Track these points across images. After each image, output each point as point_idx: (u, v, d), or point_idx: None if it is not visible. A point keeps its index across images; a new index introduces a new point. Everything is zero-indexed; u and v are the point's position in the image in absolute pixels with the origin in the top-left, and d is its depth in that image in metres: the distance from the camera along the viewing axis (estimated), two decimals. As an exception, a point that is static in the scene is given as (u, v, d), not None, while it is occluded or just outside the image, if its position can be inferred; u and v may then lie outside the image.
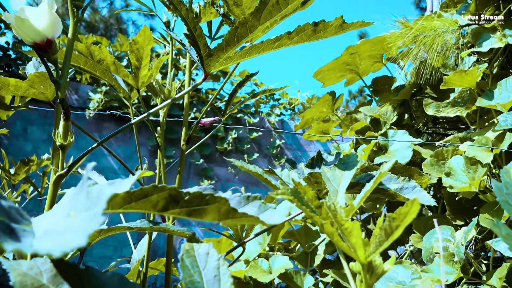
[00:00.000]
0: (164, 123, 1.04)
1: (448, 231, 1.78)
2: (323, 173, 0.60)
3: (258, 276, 2.06)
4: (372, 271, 0.45)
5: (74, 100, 4.10)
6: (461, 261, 1.67)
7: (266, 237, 2.29)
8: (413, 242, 2.05)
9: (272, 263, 2.11)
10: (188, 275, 0.39)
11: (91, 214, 0.23)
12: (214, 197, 0.39)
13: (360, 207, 2.24)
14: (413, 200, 0.36)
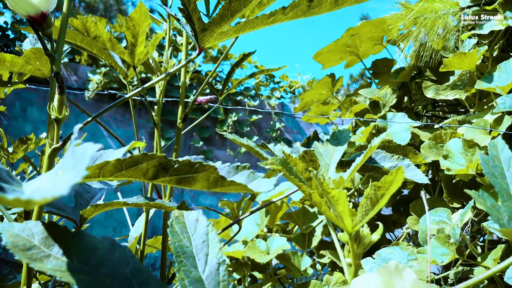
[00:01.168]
0: (160, 101, 1.05)
1: (445, 213, 1.80)
2: (315, 148, 0.60)
3: (256, 256, 2.07)
4: (360, 240, 0.46)
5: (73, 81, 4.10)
6: (457, 242, 1.69)
7: (264, 218, 2.31)
8: (410, 225, 2.07)
9: (270, 244, 2.13)
10: (177, 240, 0.39)
11: (75, 171, 0.24)
12: (203, 165, 0.39)
13: (358, 190, 2.26)
14: (398, 169, 0.37)
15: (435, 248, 1.81)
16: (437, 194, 2.11)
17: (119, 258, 0.36)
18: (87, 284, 0.31)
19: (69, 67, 4.11)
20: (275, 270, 2.31)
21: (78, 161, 0.25)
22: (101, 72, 4.00)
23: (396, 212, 2.30)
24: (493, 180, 0.44)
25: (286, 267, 2.14)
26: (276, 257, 2.10)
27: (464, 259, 1.73)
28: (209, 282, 0.38)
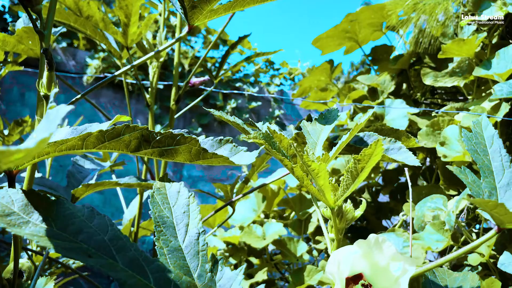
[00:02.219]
0: (154, 82, 1.05)
1: (440, 200, 1.80)
2: (303, 126, 0.60)
3: (252, 241, 2.09)
4: (342, 215, 0.46)
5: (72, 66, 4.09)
6: (452, 229, 1.70)
7: (261, 204, 2.32)
8: (406, 211, 2.07)
9: (266, 229, 2.14)
10: (158, 210, 0.40)
11: (47, 129, 0.24)
12: (185, 137, 0.39)
13: (355, 176, 2.26)
14: (376, 141, 0.37)
15: (430, 234, 1.82)
16: (433, 181, 2.11)
17: (98, 225, 0.37)
18: (64, 249, 0.32)
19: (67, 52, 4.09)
20: (271, 255, 2.33)
21: (51, 122, 0.25)
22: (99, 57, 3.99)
23: (393, 200, 2.30)
24: (475, 156, 0.44)
25: (282, 252, 2.15)
26: (273, 243, 2.12)
27: (459, 245, 1.73)
28: (188, 251, 0.39)
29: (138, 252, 0.36)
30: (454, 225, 1.72)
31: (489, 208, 0.35)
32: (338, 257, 0.42)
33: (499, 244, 1.63)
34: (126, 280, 0.32)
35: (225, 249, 2.27)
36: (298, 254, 2.08)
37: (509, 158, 0.46)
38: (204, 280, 0.38)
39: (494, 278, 1.52)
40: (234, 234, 2.21)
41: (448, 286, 0.68)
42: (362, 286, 0.43)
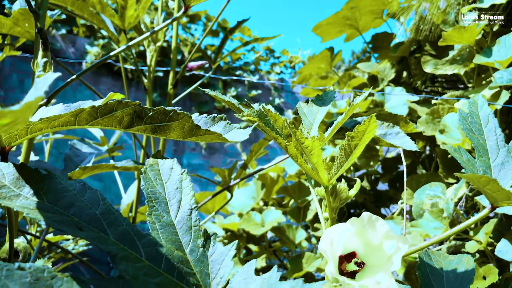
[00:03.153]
0: (152, 66, 1.04)
1: (439, 188, 1.80)
2: (300, 108, 0.60)
3: (251, 228, 2.09)
4: (336, 194, 0.46)
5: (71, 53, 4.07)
6: (450, 216, 1.70)
7: (260, 192, 2.32)
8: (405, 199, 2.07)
9: (265, 216, 2.14)
10: (150, 186, 0.40)
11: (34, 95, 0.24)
12: (177, 113, 0.39)
13: (354, 164, 2.26)
14: (370, 117, 0.37)
15: (429, 222, 1.82)
16: (433, 169, 2.11)
17: (89, 200, 0.37)
18: (55, 222, 0.32)
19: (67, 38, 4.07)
20: (270, 243, 2.33)
21: (38, 88, 0.25)
22: (99, 44, 3.97)
23: (392, 188, 2.30)
24: (470, 135, 0.44)
25: (281, 239, 2.16)
26: (271, 230, 2.12)
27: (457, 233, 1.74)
28: (180, 226, 0.39)
29: (129, 227, 0.36)
30: (452, 213, 1.72)
31: (481, 184, 0.35)
32: (331, 234, 0.42)
33: (496, 232, 1.64)
34: (117, 253, 0.32)
35: (224, 236, 2.28)
36: (296, 241, 2.09)
37: (504, 138, 0.46)
38: (196, 255, 0.38)
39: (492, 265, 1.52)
40: (233, 221, 2.22)
41: (443, 268, 0.69)
42: (355, 264, 0.43)
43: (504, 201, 0.38)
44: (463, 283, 0.64)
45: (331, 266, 0.41)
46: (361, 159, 2.18)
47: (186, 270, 0.36)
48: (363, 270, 0.44)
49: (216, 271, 0.37)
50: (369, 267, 0.44)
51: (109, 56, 0.65)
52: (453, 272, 0.67)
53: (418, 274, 0.67)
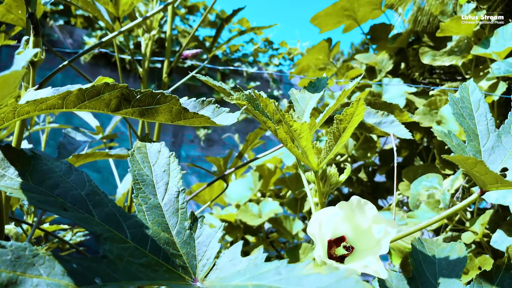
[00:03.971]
0: (147, 55, 1.04)
1: (436, 179, 1.81)
2: (292, 94, 0.60)
3: (248, 219, 2.09)
4: (326, 179, 0.46)
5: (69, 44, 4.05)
6: (446, 207, 1.70)
7: (257, 183, 2.32)
8: (401, 190, 2.08)
9: (262, 207, 2.14)
10: (137, 168, 0.40)
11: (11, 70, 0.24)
12: (165, 96, 0.39)
13: (352, 156, 2.26)
14: (358, 100, 0.37)
15: (425, 212, 1.82)
16: (429, 160, 2.11)
17: (75, 181, 0.37)
18: (39, 202, 0.32)
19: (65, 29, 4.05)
20: (267, 234, 2.34)
21: (18, 64, 0.25)
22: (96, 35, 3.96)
23: (389, 179, 2.31)
24: (461, 120, 0.44)
25: (278, 230, 2.16)
26: (268, 221, 2.13)
27: (454, 224, 1.74)
28: (167, 208, 0.39)
29: (115, 208, 0.36)
30: (449, 204, 1.72)
31: (469, 166, 0.34)
32: (320, 218, 0.41)
33: (492, 223, 1.64)
34: (101, 233, 0.32)
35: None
36: (293, 232, 2.09)
37: (494, 122, 0.46)
38: (183, 237, 0.38)
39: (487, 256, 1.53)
40: (230, 212, 2.22)
41: (436, 256, 0.69)
42: (344, 248, 0.43)
43: (493, 184, 0.38)
44: (455, 270, 0.64)
45: (319, 249, 0.40)
46: (358, 150, 2.19)
47: (172, 251, 0.36)
48: (352, 254, 0.44)
49: (202, 253, 0.37)
50: (358, 251, 0.44)
51: (101, 42, 0.65)
52: (446, 259, 0.67)
53: (410, 261, 0.67)
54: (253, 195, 2.31)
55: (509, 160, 0.43)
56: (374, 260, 0.40)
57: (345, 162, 2.30)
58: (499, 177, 0.35)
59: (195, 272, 0.36)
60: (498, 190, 0.50)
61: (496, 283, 0.60)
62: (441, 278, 0.65)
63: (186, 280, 0.34)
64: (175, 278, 0.34)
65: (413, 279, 0.66)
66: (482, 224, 1.58)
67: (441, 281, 0.64)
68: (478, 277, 0.62)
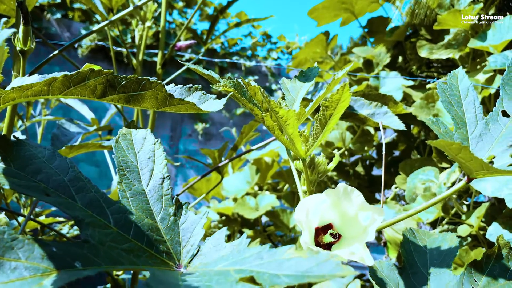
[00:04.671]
0: (142, 46, 1.03)
1: (432, 172, 1.81)
2: (283, 84, 0.59)
3: (245, 213, 2.10)
4: (314, 167, 0.46)
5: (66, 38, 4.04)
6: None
7: (254, 176, 2.32)
8: (398, 184, 2.08)
9: (260, 201, 2.15)
10: (122, 155, 0.39)
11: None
12: (150, 82, 0.39)
13: (349, 149, 2.26)
14: (343, 86, 0.36)
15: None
16: (426, 154, 2.11)
17: (58, 167, 0.37)
18: (20, 186, 0.32)
19: (62, 23, 4.04)
20: (264, 227, 2.34)
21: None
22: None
23: (386, 173, 2.31)
24: (449, 108, 0.44)
25: (275, 224, 2.16)
26: (266, 214, 2.13)
27: (450, 217, 1.74)
28: (152, 195, 0.39)
29: (99, 194, 0.36)
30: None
31: (453, 152, 0.34)
32: (307, 205, 0.41)
33: (488, 216, 1.64)
34: (83, 218, 0.32)
35: (218, 220, 2.29)
36: (291, 225, 2.09)
37: (482, 110, 0.45)
38: (167, 223, 0.38)
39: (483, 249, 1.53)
40: (227, 206, 2.22)
41: (427, 246, 0.69)
42: (330, 235, 0.43)
43: (479, 171, 0.38)
44: (446, 260, 0.65)
45: (305, 236, 0.40)
46: (355, 144, 2.18)
47: (156, 237, 0.36)
48: (340, 242, 0.44)
49: (187, 239, 0.37)
50: (345, 238, 0.44)
51: (91, 31, 0.64)
52: (437, 249, 0.67)
53: (401, 252, 0.67)
54: (251, 188, 2.32)
55: (496, 147, 0.43)
56: (360, 247, 0.40)
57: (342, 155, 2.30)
58: (484, 164, 0.35)
59: (179, 258, 0.36)
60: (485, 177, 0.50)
61: (486, 273, 0.60)
62: (432, 268, 0.65)
63: (170, 265, 0.34)
64: (158, 263, 0.33)
65: (404, 269, 0.66)
66: (478, 217, 1.58)
67: (432, 271, 0.64)
68: (468, 267, 0.62)
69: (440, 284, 0.61)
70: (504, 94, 0.45)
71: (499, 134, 0.44)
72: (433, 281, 0.62)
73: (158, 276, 0.28)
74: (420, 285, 0.63)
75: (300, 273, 0.27)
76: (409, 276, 0.64)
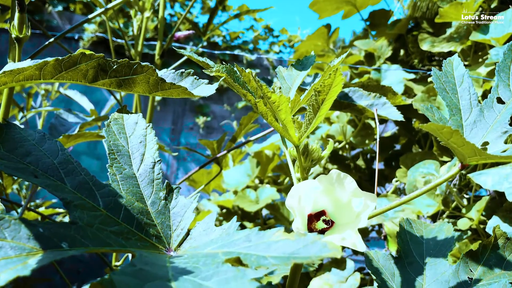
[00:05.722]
0: (141, 37, 1.03)
1: (433, 165, 1.80)
2: (279, 72, 0.59)
3: (246, 205, 2.10)
4: (307, 154, 0.46)
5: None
6: (443, 194, 1.70)
7: (255, 169, 2.32)
8: (399, 177, 2.07)
9: (260, 193, 2.15)
10: (113, 139, 0.39)
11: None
12: (141, 66, 0.39)
13: (350, 143, 2.25)
14: (335, 70, 0.36)
15: (422, 199, 1.82)
16: (427, 148, 2.11)
17: (47, 149, 0.37)
18: (8, 168, 0.31)
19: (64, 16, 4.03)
20: (265, 220, 2.34)
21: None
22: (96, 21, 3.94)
23: (387, 167, 2.30)
24: (443, 95, 0.43)
25: (276, 217, 2.17)
26: (266, 207, 2.13)
27: (450, 211, 1.74)
28: (142, 179, 0.39)
29: (88, 177, 0.36)
30: (445, 190, 1.72)
31: (445, 136, 0.34)
32: (299, 191, 0.41)
33: (488, 209, 1.64)
34: (72, 200, 0.32)
35: (219, 213, 2.29)
36: (291, 218, 2.10)
37: (477, 97, 0.45)
38: (158, 207, 0.38)
39: (483, 242, 1.52)
40: (228, 198, 2.23)
41: (424, 236, 0.69)
42: (323, 222, 0.43)
43: (472, 157, 0.38)
44: (442, 250, 0.64)
45: (298, 222, 0.40)
46: (356, 137, 2.18)
47: (146, 221, 0.36)
48: (332, 228, 0.44)
49: (177, 223, 0.37)
50: (338, 225, 0.44)
51: (88, 18, 0.64)
52: (434, 239, 0.67)
53: (397, 241, 0.67)
54: (251, 181, 2.32)
55: (490, 134, 0.43)
56: (352, 233, 0.40)
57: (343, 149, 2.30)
58: (477, 149, 0.35)
59: (170, 242, 0.36)
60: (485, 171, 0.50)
61: (483, 263, 0.60)
62: (428, 258, 0.65)
63: (160, 249, 0.34)
64: (148, 246, 0.33)
65: (400, 258, 0.66)
66: (478, 210, 1.58)
67: (428, 261, 0.64)
68: (464, 257, 0.62)
69: (436, 273, 0.61)
70: (500, 81, 0.45)
71: (493, 120, 0.43)
72: (428, 270, 0.62)
73: (145, 257, 0.28)
74: (416, 274, 0.63)
75: (287, 255, 0.27)
76: (405, 265, 0.64)
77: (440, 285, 0.59)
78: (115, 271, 0.23)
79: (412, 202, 1.77)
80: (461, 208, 1.76)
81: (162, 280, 0.24)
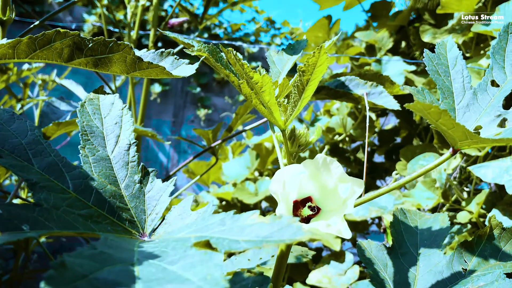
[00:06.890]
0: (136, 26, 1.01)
1: (433, 158, 1.78)
2: (269, 56, 0.57)
3: (245, 198, 2.09)
4: (294, 139, 0.44)
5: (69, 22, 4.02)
6: (442, 187, 1.68)
7: (254, 161, 2.31)
8: (399, 170, 2.06)
9: (259, 186, 2.13)
10: (87, 120, 0.38)
11: None
12: (118, 44, 0.37)
13: (350, 136, 2.24)
14: (319, 48, 0.34)
15: (421, 192, 1.81)
16: (428, 140, 2.09)
17: (16, 129, 0.35)
18: (-29, 147, 0.30)
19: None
20: (264, 212, 2.33)
21: None
22: (96, 13, 3.92)
23: (388, 160, 2.29)
24: (436, 77, 0.42)
25: (275, 209, 2.15)
26: (265, 199, 2.12)
27: (450, 204, 1.72)
28: (117, 161, 0.37)
29: (58, 158, 0.34)
30: (445, 183, 1.70)
31: (432, 117, 0.32)
32: (284, 176, 0.40)
33: (488, 202, 1.62)
34: (38, 181, 0.31)
35: (218, 205, 2.28)
36: (290, 211, 2.09)
37: (470, 80, 0.43)
38: (132, 190, 0.36)
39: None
40: (227, 191, 2.22)
41: (418, 226, 0.67)
42: (309, 208, 0.41)
43: (464, 141, 0.36)
44: (436, 240, 0.63)
45: (282, 208, 0.39)
46: (356, 130, 2.16)
47: (119, 204, 0.34)
48: (319, 215, 0.42)
49: (152, 207, 0.35)
50: (324, 212, 0.42)
51: (73, 2, 0.62)
52: (428, 230, 0.66)
53: (391, 232, 0.66)
54: (250, 174, 2.30)
55: (483, 118, 0.41)
56: (338, 219, 0.38)
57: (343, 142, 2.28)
58: (468, 132, 0.33)
59: (144, 227, 0.34)
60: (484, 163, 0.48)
61: (477, 253, 0.58)
62: (422, 248, 0.63)
63: (133, 234, 0.33)
64: (119, 231, 0.32)
65: (393, 249, 0.64)
66: (478, 203, 1.56)
67: (422, 251, 0.63)
68: (459, 248, 0.60)
69: (430, 264, 0.59)
70: (494, 63, 0.43)
71: (487, 104, 0.41)
72: (422, 261, 0.61)
73: (111, 241, 0.26)
74: (409, 265, 0.61)
75: (261, 238, 0.25)
76: (398, 256, 0.63)
77: (434, 276, 0.58)
78: (71, 253, 0.21)
79: (412, 195, 1.75)
80: (461, 201, 1.74)
81: (125, 264, 0.23)
